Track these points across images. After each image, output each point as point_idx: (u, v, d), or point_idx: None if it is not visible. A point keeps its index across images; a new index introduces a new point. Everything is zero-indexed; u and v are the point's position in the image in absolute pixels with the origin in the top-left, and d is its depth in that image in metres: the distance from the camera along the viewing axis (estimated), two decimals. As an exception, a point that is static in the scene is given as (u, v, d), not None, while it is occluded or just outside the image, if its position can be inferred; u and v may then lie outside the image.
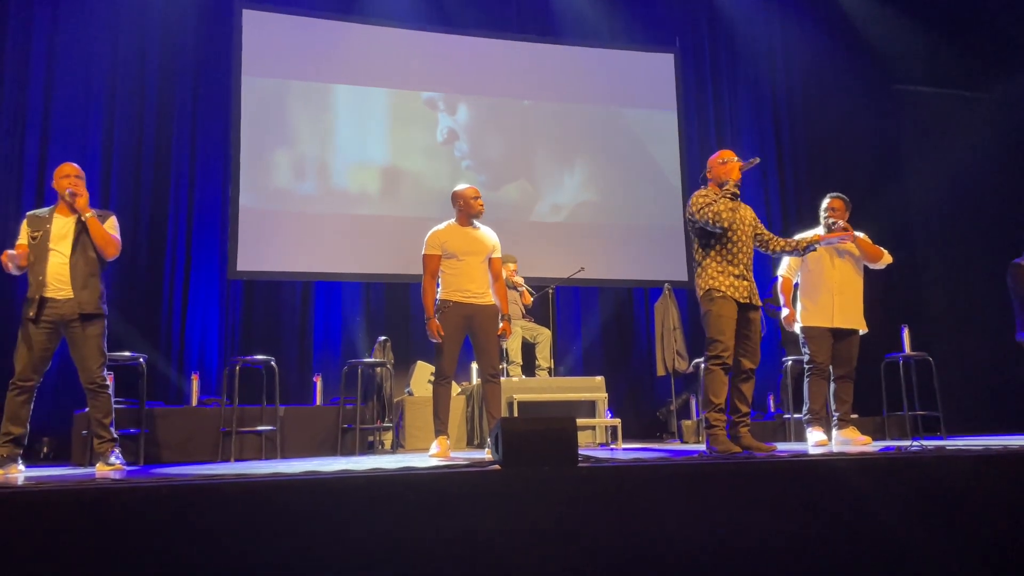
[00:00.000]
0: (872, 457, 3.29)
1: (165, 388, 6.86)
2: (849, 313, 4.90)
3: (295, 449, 5.77)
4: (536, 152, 8.36)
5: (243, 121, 7.50)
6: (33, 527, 2.27)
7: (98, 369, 4.24)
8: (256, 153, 7.51)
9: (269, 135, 7.58)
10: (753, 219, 4.38)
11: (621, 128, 8.68)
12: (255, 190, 7.45)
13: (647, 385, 8.28)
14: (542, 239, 8.12)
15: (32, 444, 5.75)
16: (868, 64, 9.21)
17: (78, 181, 4.28)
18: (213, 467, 4.57)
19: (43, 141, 6.92)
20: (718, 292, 4.14)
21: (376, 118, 7.93)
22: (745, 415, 4.20)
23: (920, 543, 2.89)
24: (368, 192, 7.80)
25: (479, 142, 8.19)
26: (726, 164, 4.30)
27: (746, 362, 4.21)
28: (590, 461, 3.04)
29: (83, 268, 4.21)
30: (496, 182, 8.02)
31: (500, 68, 8.40)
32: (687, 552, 2.71)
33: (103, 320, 4.27)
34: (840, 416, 4.86)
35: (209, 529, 2.37)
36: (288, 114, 7.68)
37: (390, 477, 2.70)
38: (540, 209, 8.25)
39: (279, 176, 7.57)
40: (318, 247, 7.57)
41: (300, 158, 7.65)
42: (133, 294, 7.01)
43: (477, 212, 4.73)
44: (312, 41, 7.86)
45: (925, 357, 6.43)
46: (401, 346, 7.09)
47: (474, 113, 8.23)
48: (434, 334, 4.54)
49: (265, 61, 7.67)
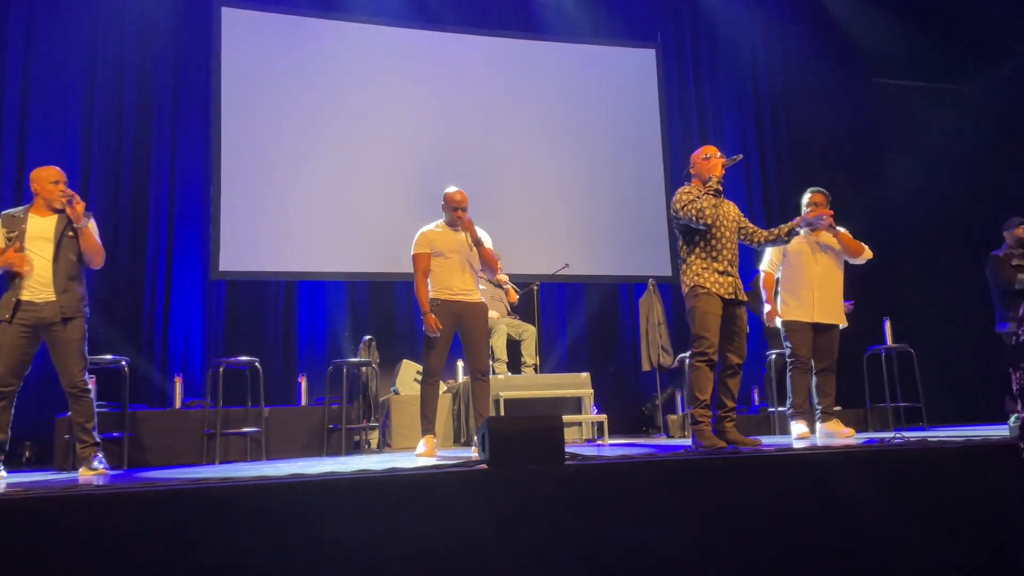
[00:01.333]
0: (856, 450, 3.32)
1: (148, 391, 6.81)
2: (829, 308, 4.95)
3: (281, 450, 5.74)
4: (519, 149, 8.35)
5: (223, 120, 7.44)
6: (16, 534, 2.25)
7: (79, 373, 4.19)
8: (237, 152, 7.45)
9: (251, 134, 7.53)
10: (737, 214, 4.41)
11: (603, 123, 8.68)
12: (237, 189, 7.39)
13: (632, 380, 8.32)
14: (527, 236, 8.12)
15: (14, 448, 5.70)
16: (848, 58, 9.29)
17: (64, 187, 4.24)
18: (198, 470, 4.54)
19: (20, 140, 6.84)
20: (703, 288, 4.16)
21: (358, 116, 7.89)
22: (731, 410, 4.24)
23: (904, 534, 2.93)
24: (351, 191, 7.76)
25: (462, 139, 8.17)
26: (709, 160, 4.33)
27: (732, 357, 4.24)
28: (577, 459, 3.05)
29: (65, 271, 4.18)
30: (479, 179, 7.99)
31: (482, 65, 8.38)
32: (675, 548, 2.73)
33: (84, 323, 4.23)
34: (823, 409, 4.91)
35: (195, 533, 2.36)
36: (269, 112, 7.62)
37: (376, 479, 2.69)
38: (523, 206, 8.24)
39: (261, 175, 7.51)
40: (301, 246, 7.53)
41: (282, 157, 7.59)
42: (114, 296, 6.94)
43: (460, 222, 4.71)
44: (292, 39, 7.81)
45: (907, 349, 6.49)
46: (386, 345, 7.07)
47: (456, 110, 8.21)
48: (432, 328, 4.55)
49: (245, 59, 7.61)
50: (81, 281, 4.27)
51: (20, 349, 4.11)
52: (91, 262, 4.29)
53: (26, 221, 4.21)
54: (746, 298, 4.32)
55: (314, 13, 7.96)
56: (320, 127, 7.77)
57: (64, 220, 4.22)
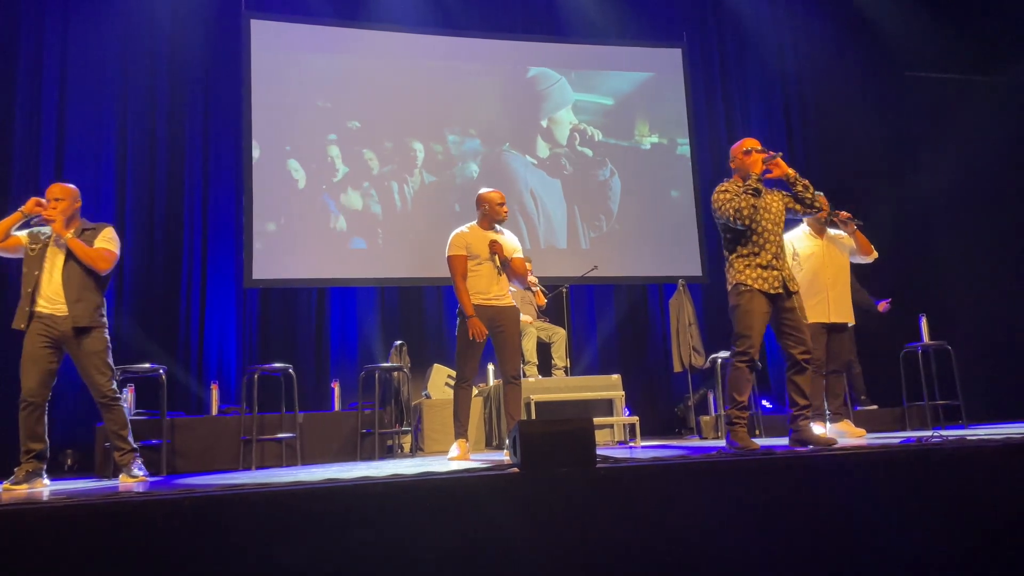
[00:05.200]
0: (896, 450, 3.27)
1: (185, 398, 6.93)
2: (843, 307, 5.06)
3: (315, 455, 5.80)
4: (546, 150, 8.35)
5: (254, 130, 7.54)
6: (59, 542, 2.30)
7: (107, 383, 4.23)
8: (268, 161, 7.55)
9: (280, 143, 7.62)
10: (783, 203, 4.22)
11: (630, 123, 8.66)
12: (268, 198, 7.49)
13: (664, 382, 8.26)
14: (555, 238, 8.12)
15: (56, 457, 5.83)
16: (877, 52, 9.15)
17: (56, 204, 4.24)
18: (235, 476, 4.60)
19: (58, 155, 6.98)
20: (744, 287, 4.04)
21: (387, 123, 7.96)
22: (804, 408, 4.02)
23: (943, 535, 2.88)
24: (381, 197, 7.82)
25: (489, 142, 8.20)
26: (749, 155, 4.17)
27: (794, 353, 4.03)
28: (608, 461, 3.04)
29: (76, 282, 4.19)
30: (507, 181, 8.01)
31: (508, 68, 8.40)
32: (709, 550, 2.71)
33: (103, 332, 4.26)
34: (833, 410, 4.92)
35: (233, 538, 2.40)
36: (298, 121, 7.71)
37: (409, 483, 2.72)
38: (551, 207, 8.24)
39: (292, 184, 7.60)
40: (332, 253, 7.61)
41: (313, 164, 7.68)
42: (150, 305, 7.08)
43: (501, 218, 4.75)
44: (319, 48, 7.89)
45: (944, 346, 6.38)
46: (417, 349, 7.11)
47: (483, 114, 8.24)
48: (477, 333, 4.50)
49: (274, 69, 7.71)
50: (97, 291, 4.28)
51: (45, 360, 4.14)
52: (93, 268, 4.24)
53: (50, 236, 4.27)
54: (797, 288, 4.11)
55: (340, 22, 8.03)
56: (347, 133, 7.84)
57: (76, 233, 4.28)
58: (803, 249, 5.16)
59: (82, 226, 4.36)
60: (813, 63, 9.21)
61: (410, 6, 8.25)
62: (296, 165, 7.65)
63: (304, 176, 7.66)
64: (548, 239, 8.10)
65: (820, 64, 9.19)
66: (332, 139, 7.80)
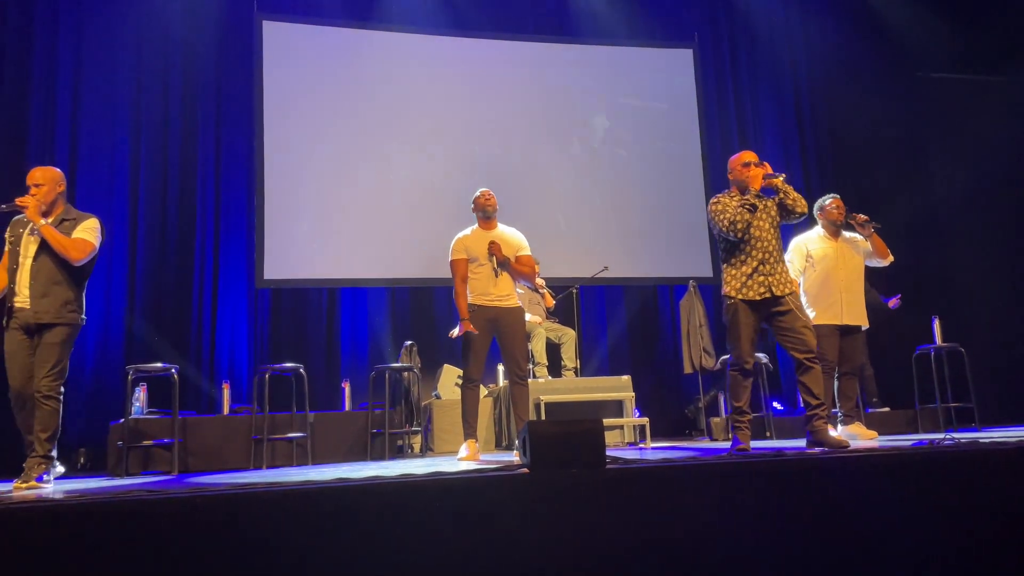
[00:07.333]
0: (906, 452, 3.25)
1: (197, 398, 6.97)
2: (856, 310, 5.07)
3: (326, 455, 5.82)
4: (557, 151, 8.36)
5: (266, 131, 7.58)
6: (70, 540, 2.32)
7: (44, 377, 3.95)
8: (280, 162, 7.58)
9: (292, 144, 7.65)
10: (775, 206, 4.18)
11: (641, 124, 8.65)
12: (280, 199, 7.52)
13: (674, 383, 8.24)
14: (565, 239, 8.12)
15: (68, 455, 5.88)
16: (889, 52, 9.09)
17: (36, 190, 4.06)
18: (246, 475, 4.62)
19: (72, 155, 7.03)
20: (730, 299, 4.12)
21: (396, 123, 7.97)
22: (816, 408, 3.99)
23: (957, 537, 2.86)
24: (391, 197, 7.84)
25: (500, 143, 8.20)
26: (748, 168, 4.15)
27: (796, 353, 4.02)
28: (618, 462, 3.04)
29: (45, 275, 4.01)
30: (517, 183, 8.01)
31: (518, 70, 8.40)
32: (719, 551, 2.70)
33: (67, 328, 4.04)
34: (845, 412, 4.93)
35: (243, 537, 2.41)
36: (310, 122, 7.74)
37: (419, 483, 2.72)
38: (562, 208, 8.24)
39: (303, 184, 7.63)
40: (343, 254, 7.63)
41: (323, 166, 7.71)
42: (163, 305, 7.13)
43: (491, 209, 4.78)
44: (331, 50, 7.93)
45: (957, 348, 6.34)
46: (427, 350, 7.12)
47: (493, 115, 8.24)
48: (464, 331, 4.61)
49: (286, 71, 7.74)
50: (69, 285, 4.06)
51: (23, 353, 4.01)
52: (65, 258, 4.03)
53: (25, 227, 4.09)
54: (787, 291, 4.06)
55: (351, 24, 8.06)
56: (359, 135, 7.86)
57: (56, 221, 4.08)
58: (816, 251, 5.15)
59: (63, 215, 4.14)
60: (825, 64, 9.16)
61: (419, 8, 8.28)
62: (307, 165, 7.67)
63: (315, 177, 7.68)
64: (557, 240, 8.09)
65: (832, 65, 9.14)
66: (342, 140, 7.82)
